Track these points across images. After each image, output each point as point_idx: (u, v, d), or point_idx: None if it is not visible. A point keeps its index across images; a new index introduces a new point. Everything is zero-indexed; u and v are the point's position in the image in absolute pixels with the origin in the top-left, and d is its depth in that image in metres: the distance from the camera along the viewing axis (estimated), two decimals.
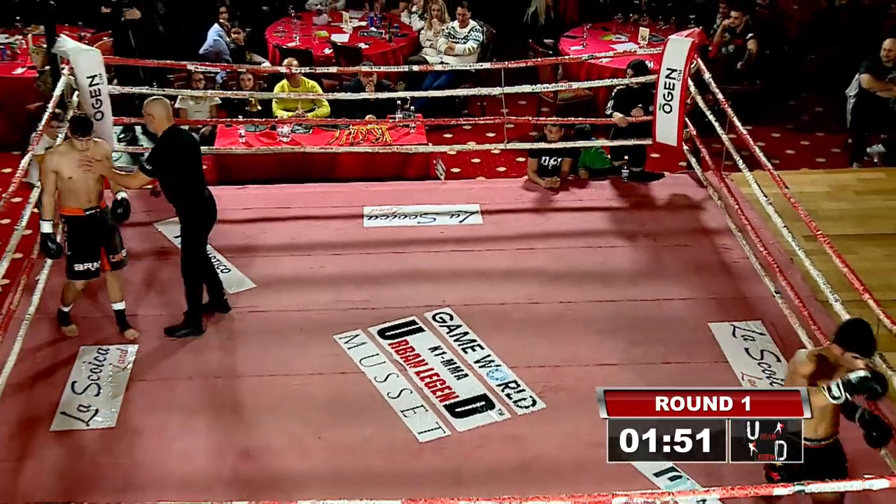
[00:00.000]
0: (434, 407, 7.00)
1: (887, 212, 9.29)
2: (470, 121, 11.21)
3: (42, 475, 6.44)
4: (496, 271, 8.47)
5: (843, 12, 12.82)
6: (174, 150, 7.32)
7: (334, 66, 11.41)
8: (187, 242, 7.56)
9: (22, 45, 12.26)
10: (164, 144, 7.31)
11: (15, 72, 11.88)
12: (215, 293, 7.89)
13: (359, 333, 7.72)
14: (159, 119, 7.27)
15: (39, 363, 7.42)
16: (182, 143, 7.43)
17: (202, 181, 7.59)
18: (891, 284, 7.99)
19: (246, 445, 6.70)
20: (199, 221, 7.53)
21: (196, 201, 7.48)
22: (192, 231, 7.53)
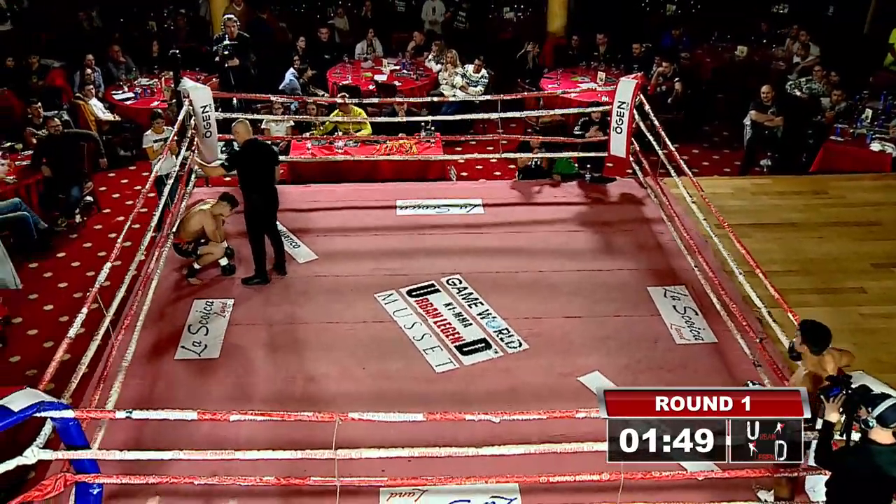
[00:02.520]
0: (447, 347, 6.97)
1: (773, 208, 9.22)
2: (475, 137, 11.18)
3: (169, 390, 6.49)
4: (493, 248, 8.41)
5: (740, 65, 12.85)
6: (247, 156, 7.52)
7: (376, 97, 11.32)
8: (249, 222, 7.69)
9: (158, 86, 12.30)
10: (242, 151, 7.56)
11: (152, 104, 11.87)
12: (279, 259, 7.94)
13: (393, 293, 7.68)
14: (242, 134, 7.56)
15: (166, 311, 7.43)
16: (255, 151, 7.58)
17: (269, 180, 7.64)
18: (773, 260, 7.96)
19: (311, 373, 6.70)
20: (257, 208, 7.60)
21: (258, 193, 7.56)
22: (252, 214, 7.63)
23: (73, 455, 4.87)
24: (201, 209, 7.86)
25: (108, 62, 12.74)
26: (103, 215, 10.33)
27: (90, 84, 11.76)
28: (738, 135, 11.48)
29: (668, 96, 11.66)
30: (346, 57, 13.30)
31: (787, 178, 10.03)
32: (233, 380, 6.60)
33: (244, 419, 4.77)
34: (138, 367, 6.59)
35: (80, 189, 9.98)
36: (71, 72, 12.45)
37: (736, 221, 7.62)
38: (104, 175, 11.18)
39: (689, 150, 11.51)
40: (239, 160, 7.58)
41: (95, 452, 4.99)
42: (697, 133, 12.14)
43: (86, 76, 11.94)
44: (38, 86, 11.86)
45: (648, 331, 7.12)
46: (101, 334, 5.93)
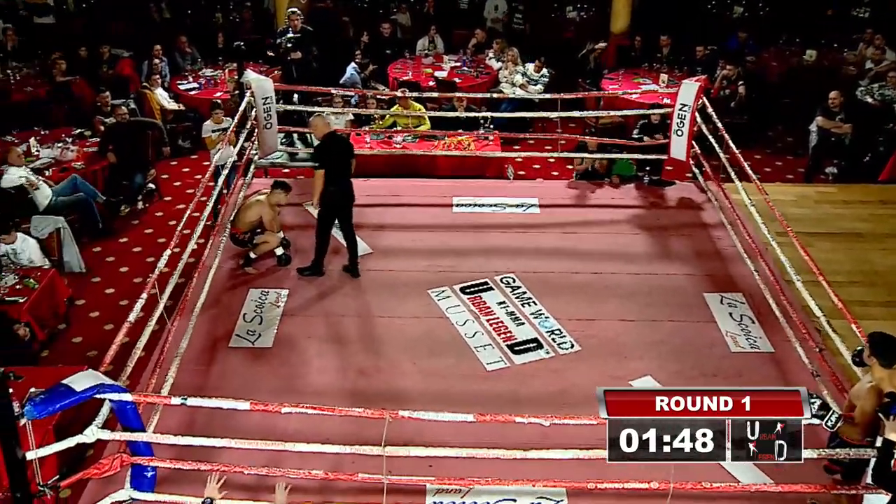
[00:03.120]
0: (499, 345, 6.95)
1: (837, 217, 9.01)
2: (533, 136, 11.12)
3: (222, 378, 6.59)
4: (548, 248, 8.36)
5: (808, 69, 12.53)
6: (328, 149, 7.51)
7: (436, 93, 11.32)
8: (321, 214, 7.71)
9: (221, 77, 12.46)
10: (323, 144, 7.54)
11: (215, 95, 12.04)
12: (352, 260, 7.91)
13: (446, 290, 7.68)
14: (321, 127, 7.56)
15: (222, 299, 7.54)
16: (334, 144, 7.58)
17: (345, 173, 7.62)
18: (836, 270, 7.71)
19: (362, 366, 6.73)
20: (334, 201, 7.58)
21: (335, 186, 7.51)
22: (326, 207, 7.63)
23: (129, 437, 4.96)
24: (258, 199, 7.94)
25: (174, 53, 12.95)
26: (164, 203, 10.51)
27: (157, 74, 11.98)
28: (802, 141, 11.17)
29: (731, 100, 11.42)
30: (407, 53, 13.31)
31: (853, 187, 9.76)
32: (285, 370, 6.67)
33: (295, 412, 4.80)
34: (193, 353, 6.70)
35: (143, 176, 10.16)
36: (139, 62, 12.69)
37: (798, 230, 7.44)
38: (166, 163, 11.37)
39: (752, 156, 11.25)
40: (321, 153, 7.57)
41: (151, 436, 5.08)
42: (761, 138, 11.87)
43: (153, 66, 12.17)
44: (108, 75, 12.12)
45: (703, 337, 7.00)
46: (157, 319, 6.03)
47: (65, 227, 8.60)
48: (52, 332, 7.89)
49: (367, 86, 12.37)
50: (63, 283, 8.11)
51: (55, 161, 9.94)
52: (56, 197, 9.18)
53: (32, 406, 4.46)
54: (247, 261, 7.94)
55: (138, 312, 5.58)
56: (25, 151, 9.88)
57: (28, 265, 7.98)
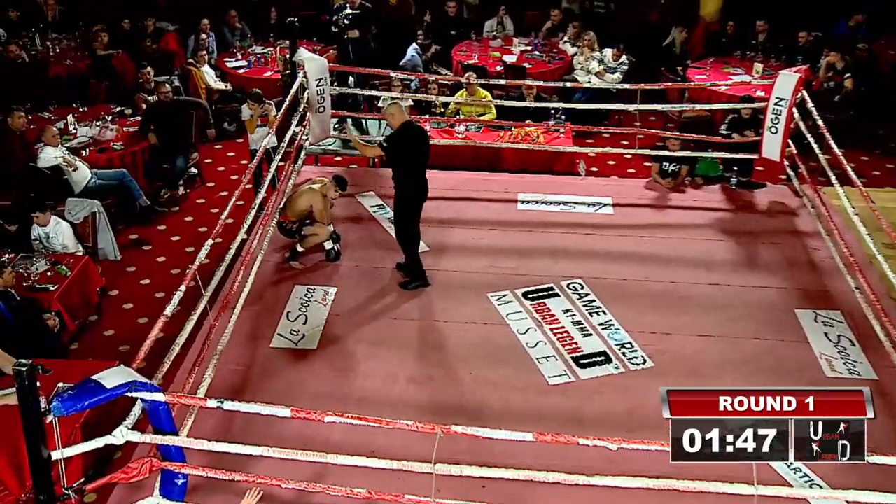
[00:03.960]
0: (563, 357, 6.89)
1: None
2: (608, 130, 11.03)
3: (263, 379, 6.64)
4: (621, 253, 8.28)
5: None
6: (406, 139, 7.42)
7: (503, 80, 11.30)
8: (400, 214, 7.60)
9: (272, 55, 12.61)
10: (400, 133, 7.44)
11: (265, 74, 12.24)
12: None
13: (507, 294, 7.64)
14: (397, 116, 7.44)
15: (265, 295, 7.61)
16: (413, 134, 7.48)
17: (422, 167, 7.54)
18: None
19: (413, 374, 6.72)
20: (409, 198, 7.53)
21: (411, 181, 7.47)
22: (404, 205, 7.55)
23: (161, 440, 5.02)
24: (311, 188, 8.00)
25: (223, 27, 13.14)
26: (207, 189, 10.67)
27: (203, 50, 12.17)
28: None
29: (836, 93, 11.15)
30: (473, 34, 13.33)
31: None
32: (329, 375, 6.70)
33: (339, 421, 4.81)
34: (233, 352, 6.77)
35: (185, 159, 10.33)
36: (185, 36, 12.90)
37: None
38: (211, 146, 11.55)
39: (857, 157, 10.99)
40: (396, 144, 7.46)
41: (184, 440, 5.13)
42: (869, 137, 11.55)
43: (200, 41, 12.37)
44: (152, 49, 12.34)
45: (793, 359, 6.84)
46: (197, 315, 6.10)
47: (101, 211, 8.77)
48: (82, 324, 8.06)
49: (428, 69, 12.41)
50: (96, 272, 8.28)
51: (93, 140, 10.16)
52: (95, 179, 9.37)
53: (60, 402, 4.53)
54: (293, 254, 8.01)
55: (175, 306, 5.65)
56: (62, 129, 10.12)
57: (61, 251, 8.17)
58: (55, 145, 9.34)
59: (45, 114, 10.76)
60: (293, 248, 8.02)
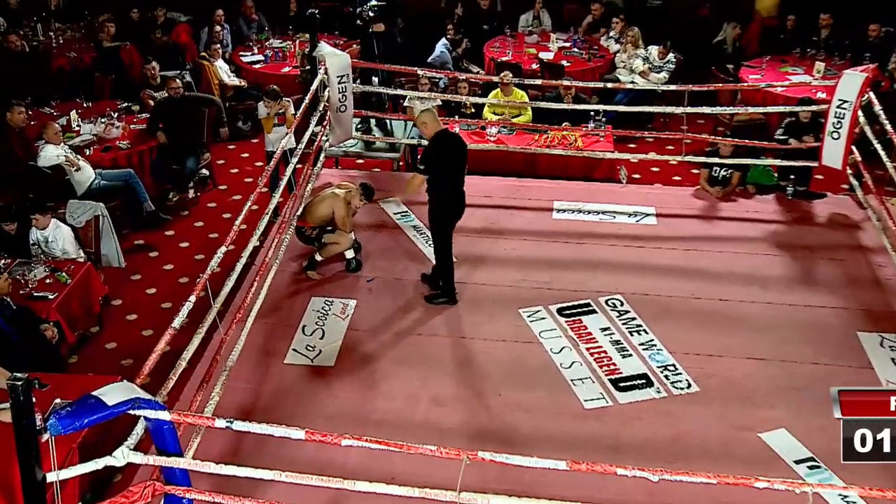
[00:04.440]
0: (600, 379, 6.88)
1: None
2: (653, 134, 10.96)
3: (275, 398, 6.69)
4: (664, 267, 8.26)
5: None
6: (441, 150, 7.42)
7: (539, 79, 11.30)
8: (436, 227, 7.63)
9: (290, 49, 12.68)
10: (434, 145, 7.44)
11: (283, 70, 12.31)
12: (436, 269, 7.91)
13: (540, 309, 7.65)
14: (431, 125, 7.44)
15: (280, 307, 7.66)
16: (448, 143, 7.48)
17: (460, 177, 7.57)
18: None
19: (438, 394, 6.74)
20: (446, 211, 7.55)
21: (448, 193, 7.48)
22: (440, 218, 7.57)
23: (165, 462, 5.04)
24: (334, 192, 8.04)
25: (239, 19, 13.23)
26: (219, 192, 10.73)
27: (217, 43, 12.26)
28: None
29: None
30: (507, 29, 13.32)
31: None
32: (347, 394, 6.72)
33: (357, 445, 4.81)
34: (244, 368, 6.80)
35: (196, 160, 10.39)
36: (198, 28, 13.00)
37: None
38: (224, 146, 11.62)
39: None
40: (433, 156, 7.43)
41: (190, 462, 5.15)
42: None
43: (214, 34, 12.46)
44: (162, 41, 12.44)
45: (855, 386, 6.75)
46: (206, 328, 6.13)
47: (104, 214, 8.80)
48: (82, 335, 8.12)
49: (458, 67, 12.43)
50: (99, 280, 8.32)
51: (97, 138, 10.24)
52: (99, 180, 9.45)
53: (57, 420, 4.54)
54: (311, 263, 8.04)
55: (183, 318, 5.68)
56: (65, 126, 10.20)
57: (61, 256, 8.21)
58: (57, 143, 9.41)
59: (46, 109, 10.86)
60: (311, 256, 8.06)
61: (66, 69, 12.19)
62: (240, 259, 6.72)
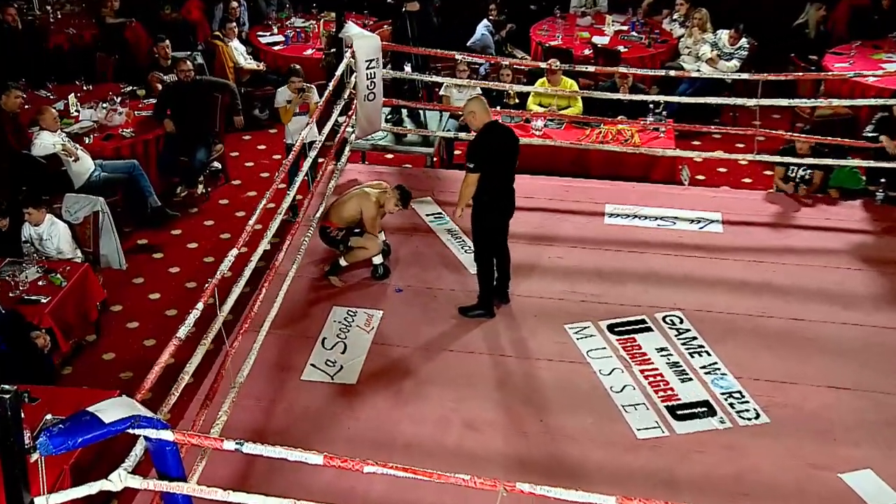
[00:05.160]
0: (655, 406, 6.85)
1: None
2: (720, 129, 10.95)
3: (290, 418, 6.71)
4: (731, 281, 8.22)
5: None
6: (491, 143, 7.41)
7: (592, 66, 11.29)
8: (480, 229, 7.62)
9: (314, 29, 12.75)
10: (482, 138, 7.42)
11: (305, 52, 12.40)
12: (501, 281, 7.91)
13: (588, 325, 7.64)
14: (480, 115, 7.40)
15: (297, 317, 7.70)
16: (498, 136, 7.48)
17: (510, 175, 7.59)
18: None
19: (471, 417, 6.73)
20: (493, 212, 7.55)
21: (495, 192, 7.48)
22: (486, 219, 7.57)
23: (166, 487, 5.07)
24: (365, 191, 8.07)
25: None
26: (232, 187, 10.82)
27: (233, 21, 12.36)
28: None
29: None
30: (557, 10, 13.35)
31: None
32: (371, 415, 6.74)
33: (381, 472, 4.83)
34: (256, 384, 6.84)
35: (207, 152, 10.47)
36: (211, 4, 13.09)
37: None
38: (238, 137, 11.72)
39: None
40: (481, 151, 7.39)
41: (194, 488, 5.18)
42: None
43: (229, 10, 12.57)
44: (171, 18, 12.56)
45: None
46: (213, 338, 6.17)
47: (104, 210, 8.86)
48: (77, 344, 8.21)
49: (501, 51, 12.45)
50: (97, 283, 8.41)
51: (98, 125, 10.35)
52: (99, 172, 9.53)
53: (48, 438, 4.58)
54: (333, 268, 8.08)
55: (190, 327, 5.72)
56: (62, 111, 10.31)
57: (55, 256, 8.29)
58: (54, 130, 9.50)
59: (42, 92, 10.99)
60: (335, 260, 8.10)
61: (64, 48, 12.33)
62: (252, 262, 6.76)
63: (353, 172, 9.56)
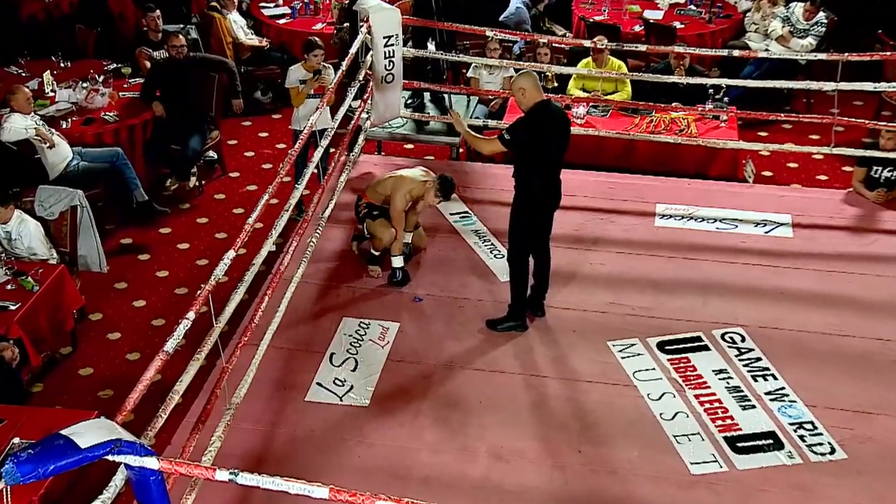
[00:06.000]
0: (712, 437, 6.82)
1: None
2: (791, 118, 10.88)
3: (293, 444, 6.72)
4: (802, 293, 8.19)
5: None
6: (539, 124, 7.35)
7: (644, 44, 11.27)
8: (519, 226, 7.61)
9: (325, 1, 12.76)
10: (531, 117, 7.36)
11: (314, 27, 12.42)
12: (538, 289, 7.92)
13: (635, 343, 7.63)
14: (531, 92, 7.32)
15: (302, 329, 7.73)
16: (550, 117, 7.42)
17: (557, 163, 7.55)
18: None
19: (499, 446, 6.72)
20: (536, 205, 7.54)
21: (539, 183, 7.46)
22: (526, 214, 7.56)
23: None
24: (403, 176, 8.17)
25: None
26: (229, 180, 10.85)
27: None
28: None
29: None
30: None
31: None
32: (385, 442, 6.74)
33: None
34: (254, 405, 6.86)
35: (201, 139, 10.50)
36: None
37: None
38: (237, 122, 11.76)
39: None
40: (526, 130, 7.35)
41: None
42: None
43: None
44: None
45: None
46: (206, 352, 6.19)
47: (84, 205, 8.87)
48: (51, 358, 8.25)
49: (538, 27, 12.45)
50: (74, 288, 8.44)
51: (77, 108, 10.38)
52: (78, 160, 9.56)
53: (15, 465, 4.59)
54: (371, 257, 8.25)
55: (180, 339, 5.73)
56: (36, 90, 10.35)
57: (27, 257, 8.31)
58: (26, 112, 9.53)
59: (13, 69, 11.04)
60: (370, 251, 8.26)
61: (38, 18, 12.37)
62: (252, 266, 6.78)
63: (367, 164, 9.58)
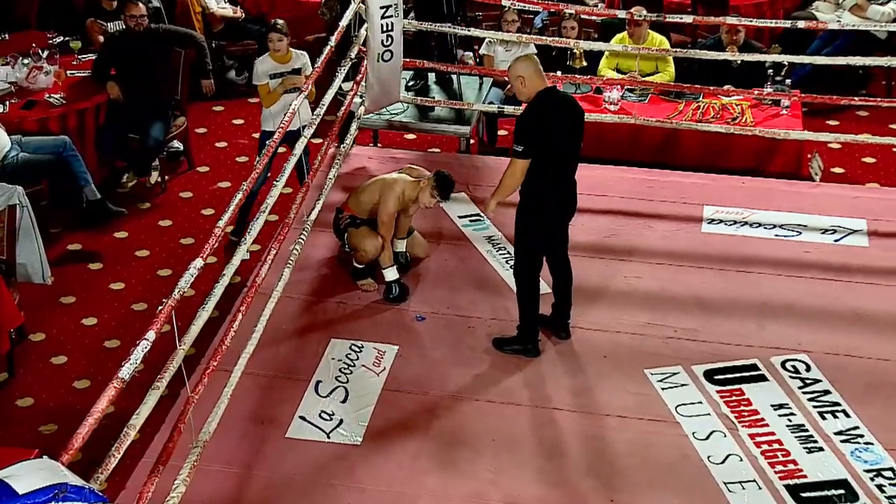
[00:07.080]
0: (771, 485, 6.81)
1: None
2: (868, 102, 10.87)
3: (271, 489, 6.72)
4: (880, 314, 8.20)
5: None
6: (545, 118, 7.34)
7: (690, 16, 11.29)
8: (526, 233, 7.61)
9: None
10: (534, 111, 7.36)
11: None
12: (559, 309, 7.95)
13: (678, 371, 7.64)
14: (531, 80, 7.32)
15: (282, 352, 7.75)
16: (556, 106, 7.42)
17: (571, 160, 7.55)
18: None
19: (515, 493, 6.72)
20: (543, 214, 7.54)
21: (548, 184, 7.45)
22: (533, 225, 7.56)
23: None
24: (393, 177, 8.20)
25: None
26: (197, 175, 10.89)
27: None
28: None
29: None
30: None
31: None
32: (379, 487, 6.75)
33: None
34: (226, 443, 6.89)
35: (164, 127, 10.52)
36: None
37: None
38: (206, 107, 11.80)
39: None
40: (534, 128, 7.33)
41: None
42: None
43: None
44: None
45: None
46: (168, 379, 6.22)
47: (24, 203, 8.89)
48: None
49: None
50: (11, 303, 8.43)
51: (16, 88, 10.41)
52: (17, 151, 9.60)
53: None
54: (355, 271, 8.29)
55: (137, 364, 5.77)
56: None
57: None
58: None
59: None
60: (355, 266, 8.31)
61: None
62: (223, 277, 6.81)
63: (362, 158, 9.61)
